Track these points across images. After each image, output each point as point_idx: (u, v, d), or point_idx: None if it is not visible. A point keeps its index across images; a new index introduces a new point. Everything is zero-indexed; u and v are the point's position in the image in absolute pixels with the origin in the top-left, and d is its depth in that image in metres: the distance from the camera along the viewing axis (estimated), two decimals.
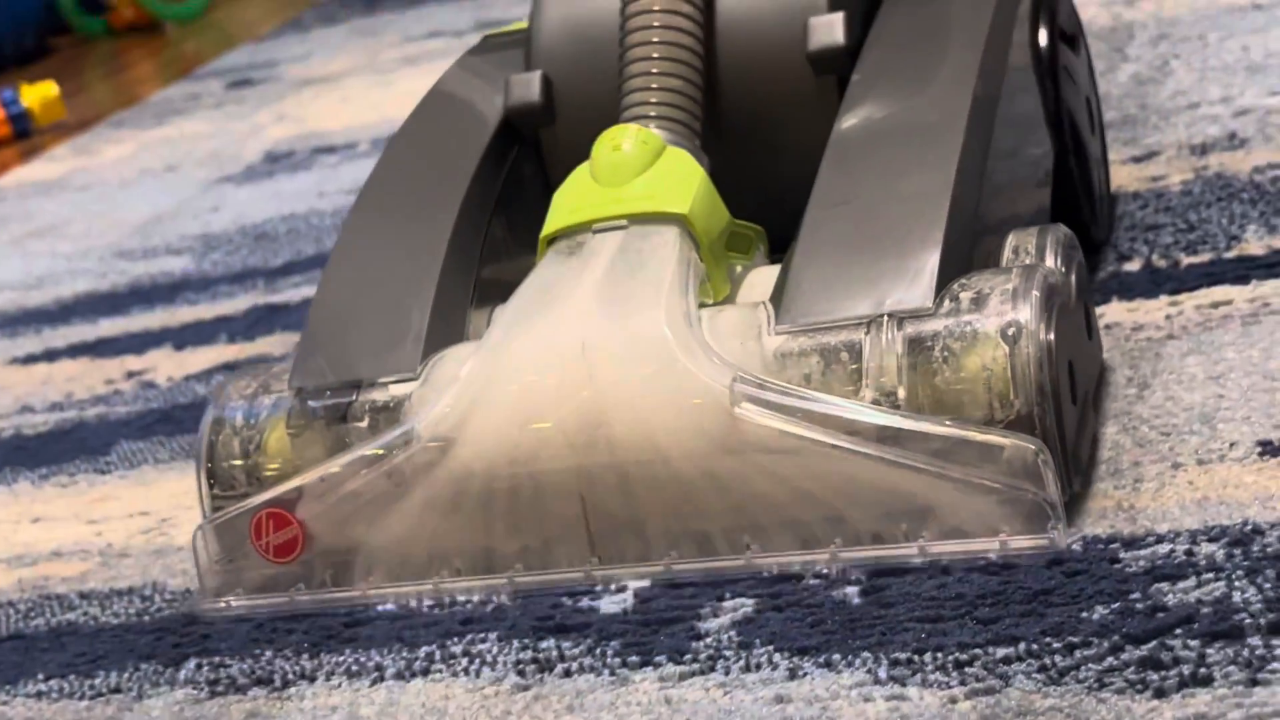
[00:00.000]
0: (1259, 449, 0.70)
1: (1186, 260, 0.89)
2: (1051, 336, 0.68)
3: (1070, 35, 0.92)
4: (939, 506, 0.68)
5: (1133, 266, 0.90)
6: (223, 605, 0.77)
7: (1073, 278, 0.74)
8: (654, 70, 0.81)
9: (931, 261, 0.71)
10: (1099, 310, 0.85)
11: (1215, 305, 0.83)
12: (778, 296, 0.73)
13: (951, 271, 0.71)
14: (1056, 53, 0.88)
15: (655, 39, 0.81)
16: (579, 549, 0.72)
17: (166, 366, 1.13)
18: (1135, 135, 1.08)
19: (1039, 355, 0.67)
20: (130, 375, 1.13)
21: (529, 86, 0.87)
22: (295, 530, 0.75)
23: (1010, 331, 0.68)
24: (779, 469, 0.69)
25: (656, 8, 0.82)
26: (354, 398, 0.77)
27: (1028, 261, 0.74)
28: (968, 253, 0.73)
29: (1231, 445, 0.71)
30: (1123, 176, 1.02)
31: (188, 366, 1.12)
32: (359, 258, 0.83)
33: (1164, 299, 0.85)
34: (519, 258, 0.84)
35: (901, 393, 0.69)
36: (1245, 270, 0.86)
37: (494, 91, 0.90)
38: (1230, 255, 0.88)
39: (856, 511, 0.69)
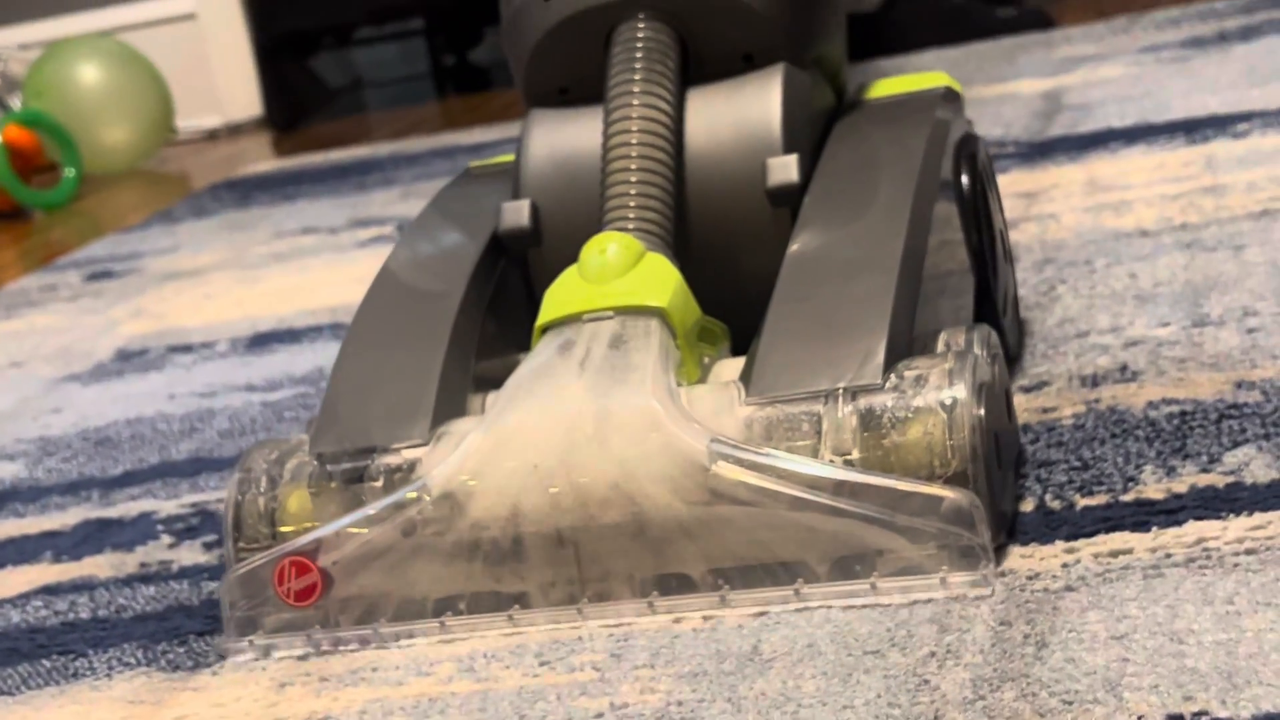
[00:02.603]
0: None
1: (1082, 502, 0.84)
2: (981, 411, 0.79)
3: (987, 176, 1.05)
4: (888, 550, 0.78)
5: (1026, 507, 0.84)
6: (245, 645, 0.85)
7: (996, 367, 0.84)
8: (633, 193, 0.92)
9: (880, 347, 0.82)
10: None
11: (1115, 554, 0.78)
12: (746, 376, 0.84)
13: (895, 357, 0.83)
14: (976, 190, 1.00)
15: (634, 166, 0.93)
16: (571, 591, 0.81)
17: None
18: (1024, 364, 1.03)
19: (972, 424, 0.79)
20: None
21: (520, 213, 0.98)
22: (315, 577, 0.83)
23: (947, 404, 0.79)
24: (749, 519, 0.79)
25: (635, 141, 0.94)
26: (370, 461, 0.86)
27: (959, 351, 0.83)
28: (908, 344, 0.85)
29: (1139, 719, 0.65)
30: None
31: (5, 589, 1.02)
32: (370, 342, 0.94)
33: (1060, 545, 0.80)
34: (506, 353, 0.96)
35: (855, 454, 0.79)
36: (1144, 516, 0.81)
37: (482, 212, 1.02)
38: (1127, 498, 0.83)
39: (816, 554, 0.79)
